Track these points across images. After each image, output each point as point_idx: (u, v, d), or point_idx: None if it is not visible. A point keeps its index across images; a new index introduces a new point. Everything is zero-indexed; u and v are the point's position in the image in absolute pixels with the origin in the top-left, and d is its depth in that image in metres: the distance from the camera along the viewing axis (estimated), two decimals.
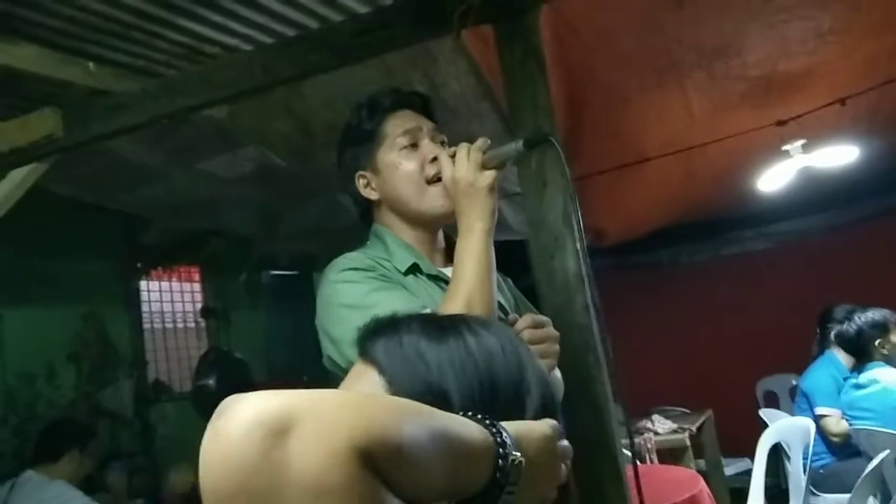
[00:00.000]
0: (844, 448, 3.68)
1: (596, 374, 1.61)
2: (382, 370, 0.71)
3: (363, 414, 0.51)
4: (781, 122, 3.85)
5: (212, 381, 4.54)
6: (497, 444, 0.60)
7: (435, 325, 0.75)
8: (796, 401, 4.23)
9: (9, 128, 2.37)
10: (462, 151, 1.30)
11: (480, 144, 1.31)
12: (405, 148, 1.42)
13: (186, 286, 5.40)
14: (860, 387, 3.42)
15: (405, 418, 0.54)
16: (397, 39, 2.02)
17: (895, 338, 3.49)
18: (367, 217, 1.51)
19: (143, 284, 4.93)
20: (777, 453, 3.77)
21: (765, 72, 3.31)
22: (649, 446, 3.84)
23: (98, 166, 3.05)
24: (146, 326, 4.87)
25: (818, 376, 3.95)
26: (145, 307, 4.91)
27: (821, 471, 3.73)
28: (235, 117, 2.72)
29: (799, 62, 3.26)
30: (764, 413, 4.51)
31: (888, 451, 2.95)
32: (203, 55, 2.26)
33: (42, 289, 3.98)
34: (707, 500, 2.66)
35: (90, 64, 2.20)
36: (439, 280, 1.39)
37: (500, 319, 1.32)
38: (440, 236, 1.49)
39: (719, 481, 4.35)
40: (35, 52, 2.08)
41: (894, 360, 3.43)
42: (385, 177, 1.43)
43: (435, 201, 1.39)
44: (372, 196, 1.46)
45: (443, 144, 1.44)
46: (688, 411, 4.70)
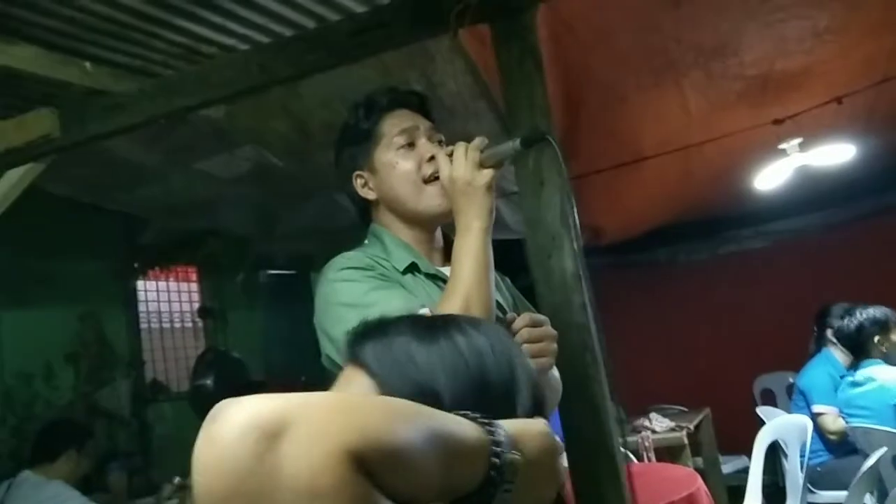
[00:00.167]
0: (841, 446, 3.69)
1: (593, 374, 1.61)
2: (372, 373, 0.70)
3: (356, 417, 0.51)
4: (778, 121, 3.86)
5: (209, 381, 4.54)
6: (492, 442, 0.60)
7: (424, 327, 0.74)
8: (793, 399, 4.24)
9: (5, 127, 2.37)
10: (460, 150, 1.31)
11: (478, 143, 1.31)
12: (402, 147, 1.42)
13: (184, 286, 5.39)
14: (857, 385, 3.43)
15: (399, 420, 0.54)
16: (394, 39, 2.02)
17: (895, 337, 3.50)
18: (366, 217, 1.51)
19: (141, 284, 4.92)
20: (774, 451, 3.77)
21: (762, 71, 3.31)
22: (647, 444, 3.84)
23: (95, 166, 3.04)
24: (143, 326, 4.87)
25: (815, 374, 3.96)
26: (143, 307, 4.91)
27: (818, 468, 3.73)
28: (232, 117, 2.72)
29: (796, 61, 3.27)
30: (761, 411, 4.51)
31: (885, 449, 2.96)
32: (200, 55, 2.26)
33: (39, 289, 3.97)
34: (705, 498, 2.67)
35: (87, 64, 2.20)
36: (437, 279, 1.39)
37: (498, 318, 1.32)
38: (438, 235, 1.49)
39: (717, 479, 4.36)
40: (33, 53, 2.08)
41: (892, 359, 3.44)
42: (382, 176, 1.43)
43: (432, 200, 1.39)
44: (369, 196, 1.46)
45: (440, 143, 1.44)
46: (685, 409, 4.70)
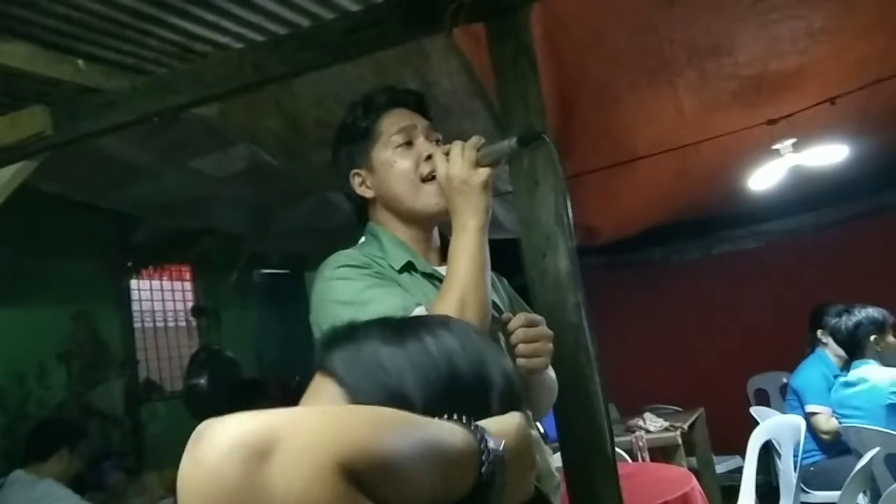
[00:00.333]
0: (835, 445, 3.70)
1: (588, 373, 1.61)
2: (342, 381, 0.69)
3: (345, 429, 0.50)
4: (772, 122, 3.86)
5: (203, 381, 4.54)
6: (480, 444, 0.60)
7: (392, 330, 0.73)
8: (787, 399, 4.25)
9: None
10: (456, 149, 1.30)
11: (475, 142, 1.31)
12: (400, 146, 1.42)
13: (177, 285, 5.38)
14: (849, 385, 3.43)
15: (388, 430, 0.53)
16: (389, 37, 2.02)
17: (890, 338, 3.50)
18: (363, 215, 1.51)
19: (134, 283, 4.91)
20: (768, 451, 3.78)
21: (756, 71, 3.32)
22: (641, 444, 3.85)
23: (88, 164, 3.03)
24: (137, 325, 4.85)
25: (809, 374, 3.97)
26: (136, 306, 4.89)
27: (811, 468, 3.74)
28: (226, 115, 2.71)
29: (790, 62, 3.27)
30: (755, 411, 4.52)
31: (878, 449, 2.96)
32: (193, 53, 2.25)
33: (32, 288, 3.96)
34: (699, 498, 2.67)
35: (80, 61, 2.19)
36: (433, 278, 1.39)
37: (495, 318, 1.32)
38: (435, 235, 1.49)
39: (710, 479, 4.36)
40: (25, 50, 2.06)
41: (886, 359, 3.45)
42: (380, 175, 1.43)
43: (429, 199, 1.39)
44: (367, 194, 1.46)
45: (437, 143, 1.44)
46: (679, 409, 4.71)
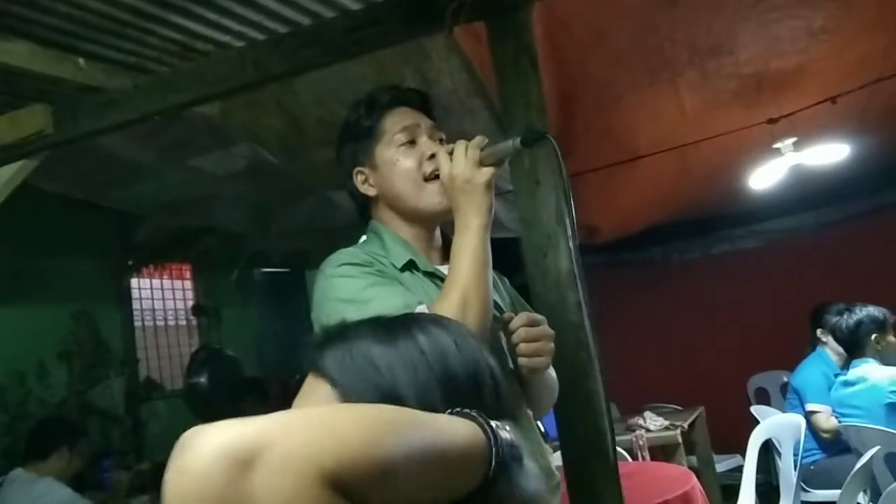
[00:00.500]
0: (835, 444, 3.70)
1: (589, 372, 1.61)
2: (334, 382, 0.69)
3: (333, 436, 0.50)
4: (773, 120, 3.86)
5: (203, 379, 4.54)
6: (489, 436, 0.60)
7: (384, 329, 0.74)
8: (787, 397, 4.25)
9: None
10: (460, 148, 1.31)
11: (478, 141, 1.31)
12: (403, 145, 1.42)
13: (178, 284, 5.38)
14: (849, 384, 3.43)
15: (381, 434, 0.52)
16: (389, 36, 2.02)
17: (891, 337, 3.50)
18: (365, 213, 1.51)
19: (135, 282, 4.91)
20: (768, 450, 3.78)
21: (757, 70, 3.32)
22: (641, 443, 3.85)
23: (89, 163, 3.03)
24: (137, 324, 4.86)
25: (809, 373, 3.97)
26: (137, 305, 4.90)
27: (811, 467, 3.74)
28: (227, 114, 2.71)
29: (791, 61, 3.27)
30: (755, 410, 4.52)
31: (878, 448, 2.96)
32: (195, 52, 2.26)
33: (32, 286, 3.96)
34: (700, 497, 2.67)
35: (81, 60, 2.19)
36: (435, 277, 1.39)
37: (496, 318, 1.33)
38: (437, 234, 1.49)
39: (711, 478, 4.36)
40: (27, 49, 2.07)
41: (886, 358, 3.44)
42: (383, 173, 1.43)
43: (432, 198, 1.39)
44: (370, 192, 1.46)
45: (441, 142, 1.44)
46: (679, 408, 4.70)
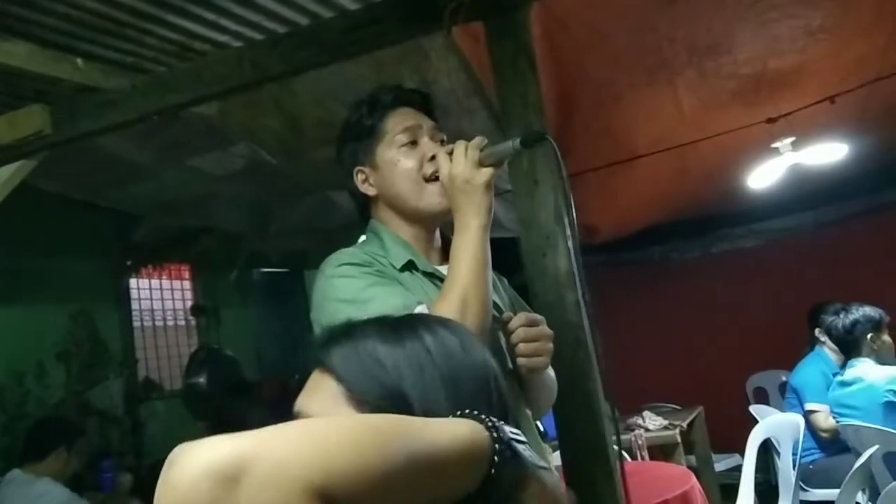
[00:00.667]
0: (833, 444, 3.70)
1: (587, 372, 1.61)
2: (340, 378, 0.70)
3: (320, 449, 0.50)
4: (771, 120, 3.86)
5: (202, 379, 4.54)
6: (492, 437, 0.60)
7: (391, 328, 0.74)
8: (786, 397, 4.25)
9: None
10: (459, 149, 1.31)
11: (478, 142, 1.31)
12: (405, 145, 1.42)
13: (177, 284, 5.38)
14: (845, 384, 3.43)
15: (369, 444, 0.52)
16: (388, 36, 2.02)
17: (886, 336, 3.51)
18: (365, 213, 1.51)
19: (134, 282, 4.91)
20: (767, 449, 3.78)
21: (755, 70, 3.32)
22: (640, 443, 3.85)
23: (87, 163, 3.03)
24: (136, 324, 4.85)
25: (808, 372, 3.98)
26: (135, 305, 4.89)
27: (810, 466, 3.75)
28: (225, 114, 2.71)
29: (789, 60, 3.27)
30: (754, 409, 4.52)
31: (876, 447, 2.96)
32: (193, 52, 2.25)
33: (31, 287, 3.95)
34: (699, 497, 2.67)
35: (79, 60, 2.19)
36: (435, 278, 1.39)
37: (495, 318, 1.33)
38: (437, 234, 1.49)
39: (710, 477, 4.36)
40: (24, 49, 2.06)
41: (882, 358, 3.45)
42: (383, 173, 1.43)
43: (432, 199, 1.39)
44: (369, 192, 1.46)
45: (442, 143, 1.44)
46: (678, 408, 4.71)
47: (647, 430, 3.98)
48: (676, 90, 3.40)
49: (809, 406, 3.83)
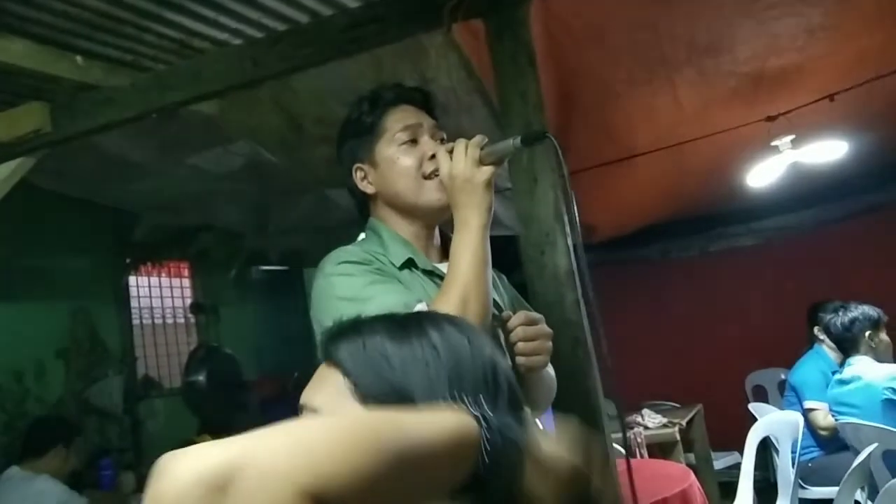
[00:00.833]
0: (832, 442, 3.70)
1: (586, 370, 1.61)
2: (346, 372, 0.70)
3: (308, 451, 0.50)
4: (771, 118, 3.86)
5: (202, 377, 4.54)
6: (483, 427, 0.60)
7: (398, 325, 0.74)
8: (785, 395, 4.25)
9: None
10: (460, 147, 1.31)
11: (478, 140, 1.31)
12: (405, 143, 1.42)
13: (176, 282, 5.37)
14: (844, 383, 3.44)
15: (357, 444, 0.52)
16: (388, 34, 2.01)
17: (884, 335, 3.52)
18: (364, 210, 1.51)
19: (133, 280, 4.90)
20: (766, 447, 3.79)
21: (754, 68, 3.32)
22: (639, 441, 3.85)
23: (86, 161, 3.03)
24: (136, 322, 4.85)
25: (807, 371, 3.98)
26: (135, 303, 4.89)
27: (809, 464, 3.75)
28: (225, 112, 2.71)
29: (788, 58, 3.27)
30: (753, 407, 4.53)
31: (875, 445, 2.96)
32: (192, 49, 2.25)
33: (30, 285, 3.95)
34: (698, 495, 2.67)
35: (78, 58, 2.19)
36: (434, 275, 1.39)
37: (495, 316, 1.33)
38: (436, 232, 1.49)
39: (709, 475, 4.37)
40: (24, 47, 2.06)
41: (879, 356, 3.46)
42: (383, 170, 1.43)
43: (432, 195, 1.39)
44: (368, 189, 1.46)
45: (442, 142, 1.43)
46: (677, 405, 4.71)
47: (647, 428, 3.98)
48: (676, 88, 3.40)
49: (808, 404, 3.83)
